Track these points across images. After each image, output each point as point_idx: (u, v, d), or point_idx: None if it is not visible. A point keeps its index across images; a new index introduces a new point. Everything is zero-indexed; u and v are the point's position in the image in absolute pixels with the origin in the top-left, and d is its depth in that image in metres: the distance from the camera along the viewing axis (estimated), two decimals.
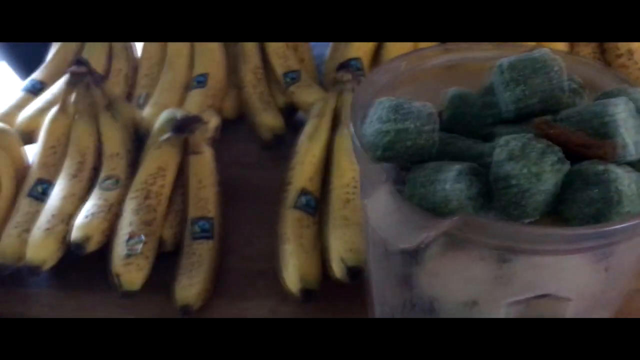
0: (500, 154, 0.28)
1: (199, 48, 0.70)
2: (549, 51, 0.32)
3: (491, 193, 0.29)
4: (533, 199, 0.28)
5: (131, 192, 0.55)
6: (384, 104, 0.30)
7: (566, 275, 0.29)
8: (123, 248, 0.52)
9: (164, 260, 0.56)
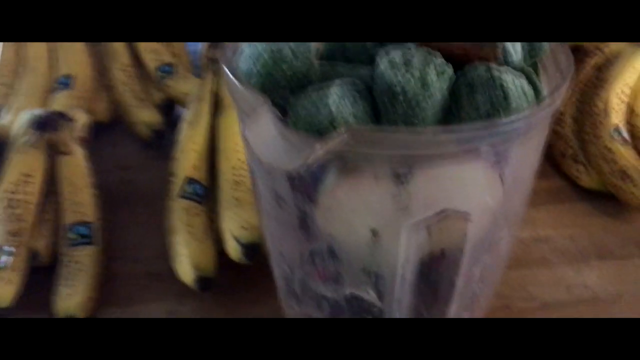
0: (381, 64, 0.27)
1: (60, 49, 0.64)
2: None
3: (378, 111, 0.27)
4: (421, 108, 0.26)
5: None
6: None
7: (463, 186, 0.28)
8: None
9: (43, 274, 0.50)
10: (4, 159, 0.54)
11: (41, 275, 0.51)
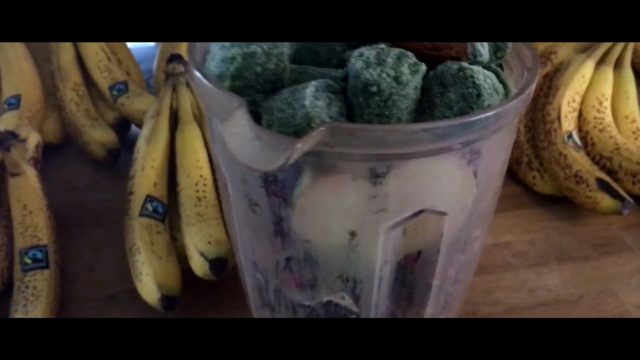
0: (356, 64, 0.27)
1: (6, 69, 0.62)
2: None
3: (352, 112, 0.27)
4: (396, 106, 0.26)
5: None
6: None
7: (439, 184, 0.28)
8: None
9: None
10: None
11: None
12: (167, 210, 0.51)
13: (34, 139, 0.54)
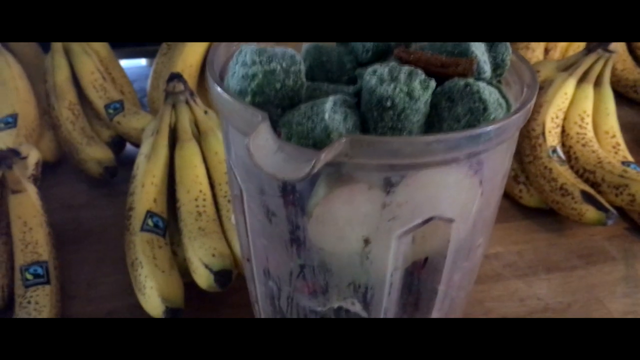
0: (370, 81, 0.28)
1: (2, 89, 0.63)
2: None
3: (365, 126, 0.29)
4: (408, 120, 0.28)
5: None
6: (246, 50, 0.29)
7: (448, 193, 0.30)
8: None
9: None
10: None
11: None
12: (167, 225, 0.52)
13: (34, 157, 0.54)
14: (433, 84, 0.29)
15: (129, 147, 0.66)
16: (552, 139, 0.59)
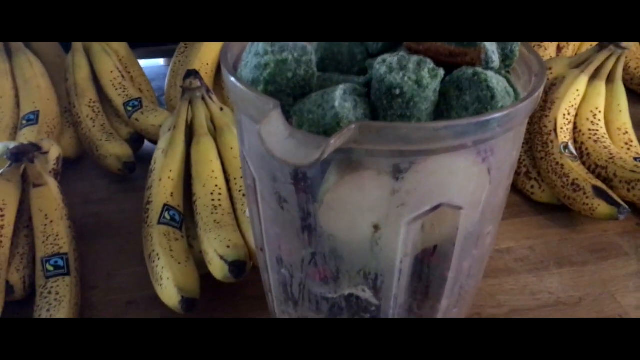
0: (379, 69, 0.29)
1: (24, 87, 0.65)
2: None
3: (375, 114, 0.30)
4: (417, 108, 0.29)
5: None
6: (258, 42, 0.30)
7: (456, 180, 0.30)
8: None
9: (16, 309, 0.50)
10: None
11: (15, 308, 0.50)
12: (183, 218, 0.53)
13: (55, 152, 0.56)
14: (442, 72, 0.29)
15: (147, 144, 0.67)
16: (564, 135, 0.59)
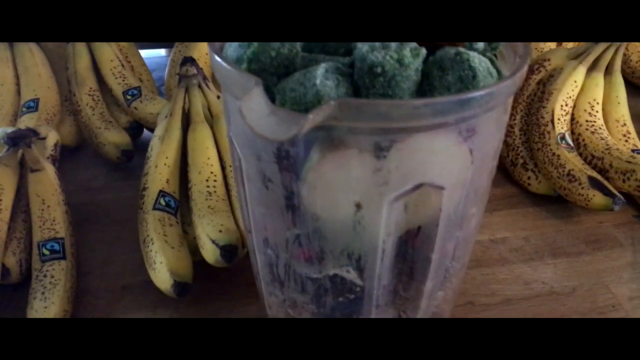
0: (361, 48, 0.29)
1: (25, 75, 0.65)
2: None
3: (358, 93, 0.30)
4: (399, 87, 0.29)
5: None
6: None
7: (437, 160, 0.30)
8: None
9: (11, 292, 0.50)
10: None
11: (9, 292, 0.51)
12: (179, 205, 0.53)
13: (53, 138, 0.56)
14: (424, 51, 0.30)
15: (146, 132, 0.68)
16: (561, 126, 0.59)
